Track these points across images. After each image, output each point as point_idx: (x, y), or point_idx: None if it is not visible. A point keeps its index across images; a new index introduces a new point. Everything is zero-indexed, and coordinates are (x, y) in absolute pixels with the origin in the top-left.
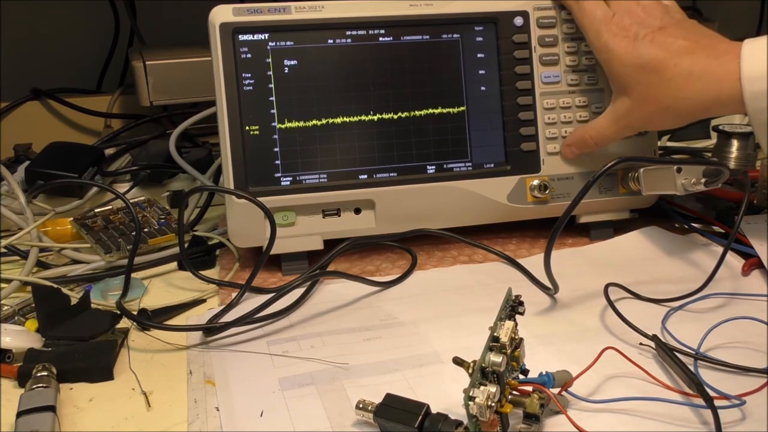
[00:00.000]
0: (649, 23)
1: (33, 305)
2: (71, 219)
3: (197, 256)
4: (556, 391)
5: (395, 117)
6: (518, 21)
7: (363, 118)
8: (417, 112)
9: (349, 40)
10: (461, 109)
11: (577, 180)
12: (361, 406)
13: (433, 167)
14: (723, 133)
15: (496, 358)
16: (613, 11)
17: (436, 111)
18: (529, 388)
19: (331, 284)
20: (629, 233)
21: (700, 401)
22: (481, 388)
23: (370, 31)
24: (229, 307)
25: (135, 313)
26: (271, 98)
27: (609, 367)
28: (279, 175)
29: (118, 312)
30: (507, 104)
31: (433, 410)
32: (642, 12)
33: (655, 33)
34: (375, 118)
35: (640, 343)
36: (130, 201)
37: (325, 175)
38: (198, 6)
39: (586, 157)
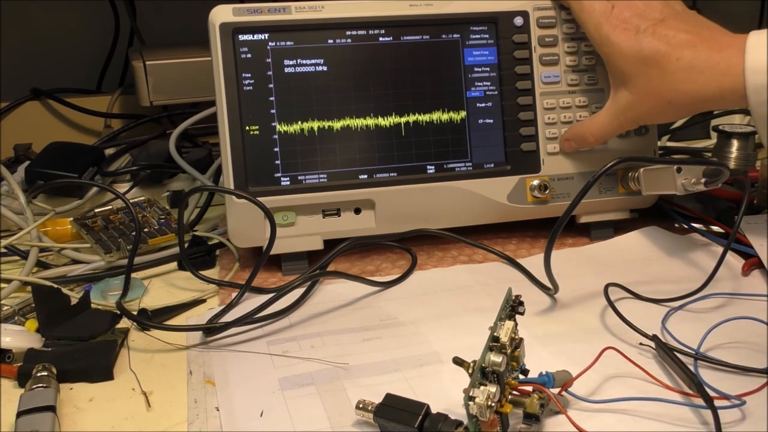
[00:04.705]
0: (649, 15)
1: (33, 305)
2: (71, 219)
3: (197, 256)
4: (556, 391)
5: (395, 117)
6: (518, 21)
7: (363, 118)
8: (417, 112)
9: (349, 40)
10: (461, 109)
11: (577, 180)
12: (361, 406)
13: (433, 167)
14: (723, 133)
15: (496, 358)
16: (612, 4)
17: (436, 111)
18: (529, 388)
19: (331, 284)
20: (629, 233)
21: (700, 401)
22: (481, 388)
23: (370, 31)
24: (229, 307)
25: (135, 313)
26: (271, 98)
27: (609, 367)
28: (279, 175)
29: (118, 312)
30: (507, 104)
31: (433, 410)
32: (642, 4)
33: (656, 25)
34: (375, 118)
35: (640, 343)
36: (130, 201)
37: (325, 175)
38: (198, 6)
39: (586, 157)
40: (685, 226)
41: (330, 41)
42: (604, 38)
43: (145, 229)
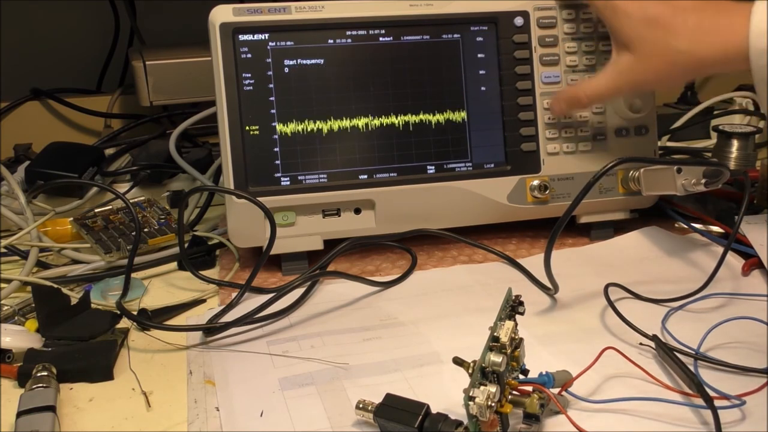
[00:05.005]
0: None
1: (33, 305)
2: (71, 219)
3: (197, 256)
4: (556, 391)
5: (395, 117)
6: (518, 21)
7: (363, 118)
8: (417, 112)
9: (349, 40)
10: (461, 109)
11: (577, 180)
12: (361, 406)
13: (433, 167)
14: (723, 133)
15: (496, 358)
16: None
17: (436, 111)
18: (529, 388)
19: (331, 284)
20: (629, 233)
21: (700, 401)
22: (481, 388)
23: (370, 31)
24: (229, 307)
25: (135, 313)
26: (271, 98)
27: (609, 367)
28: (279, 175)
29: (118, 312)
30: (507, 104)
31: (433, 410)
32: None
33: None
34: (375, 118)
35: (640, 343)
36: (130, 201)
37: (325, 175)
38: (198, 6)
39: (586, 157)
40: (685, 226)
41: (330, 41)
42: (609, 2)
43: (145, 229)
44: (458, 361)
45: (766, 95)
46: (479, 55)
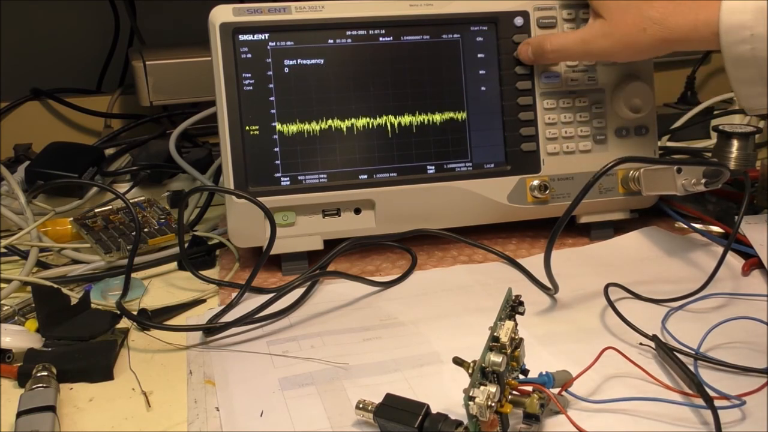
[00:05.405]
0: None
1: (33, 305)
2: (71, 219)
3: (197, 256)
4: (556, 391)
5: (395, 117)
6: (518, 21)
7: (363, 118)
8: (417, 112)
9: (349, 40)
10: (461, 109)
11: (577, 180)
12: (361, 406)
13: (433, 167)
14: (723, 133)
15: (496, 358)
16: None
17: (436, 111)
18: (529, 388)
19: (331, 284)
20: (629, 233)
21: (700, 401)
22: (481, 388)
23: (370, 31)
24: (229, 307)
25: (135, 313)
26: (271, 98)
27: (609, 367)
28: (279, 175)
29: (118, 312)
30: (507, 104)
31: (433, 410)
32: None
33: None
34: (375, 118)
35: (640, 343)
36: (130, 201)
37: (325, 175)
38: (198, 6)
39: (586, 157)
40: (685, 226)
41: (330, 41)
42: None
43: (145, 229)
44: (458, 361)
45: (734, 71)
46: (479, 55)
